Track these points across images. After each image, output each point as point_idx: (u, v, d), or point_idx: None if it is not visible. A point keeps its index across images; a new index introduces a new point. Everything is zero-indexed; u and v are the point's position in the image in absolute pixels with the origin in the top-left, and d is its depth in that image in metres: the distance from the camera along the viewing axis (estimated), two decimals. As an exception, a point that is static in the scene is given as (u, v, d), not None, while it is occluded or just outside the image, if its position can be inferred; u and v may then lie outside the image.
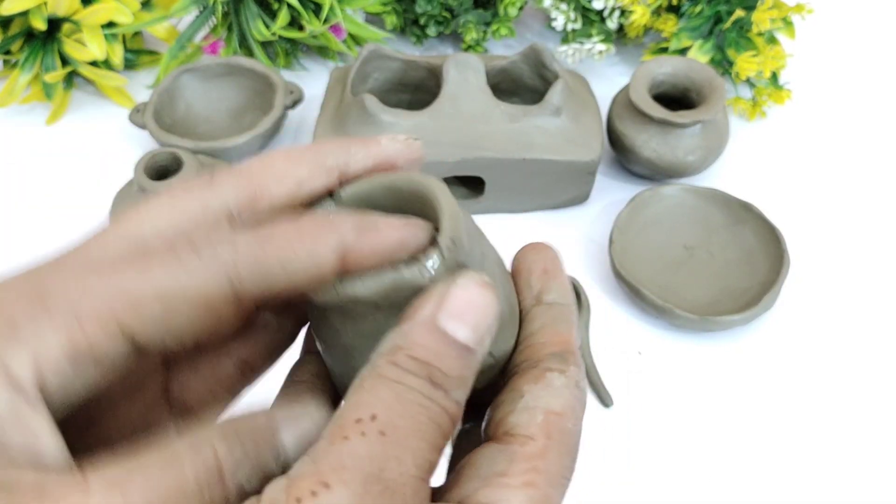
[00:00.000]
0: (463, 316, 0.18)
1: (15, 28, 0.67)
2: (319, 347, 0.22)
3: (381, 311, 0.20)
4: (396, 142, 0.22)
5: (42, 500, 0.15)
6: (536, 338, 0.21)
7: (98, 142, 0.68)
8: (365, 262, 0.19)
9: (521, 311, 0.23)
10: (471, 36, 0.72)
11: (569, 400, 0.20)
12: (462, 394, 0.18)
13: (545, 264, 0.23)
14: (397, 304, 0.19)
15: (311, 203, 0.21)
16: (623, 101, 0.61)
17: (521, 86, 0.63)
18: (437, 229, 0.20)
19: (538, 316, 0.22)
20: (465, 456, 0.19)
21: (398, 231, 0.19)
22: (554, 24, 0.70)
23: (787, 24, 0.69)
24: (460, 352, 0.18)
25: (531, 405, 0.19)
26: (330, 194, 0.22)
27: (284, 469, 0.17)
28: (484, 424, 0.21)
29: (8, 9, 0.62)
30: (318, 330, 0.22)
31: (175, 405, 0.22)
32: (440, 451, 0.17)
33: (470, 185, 0.61)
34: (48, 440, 0.16)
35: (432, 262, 0.19)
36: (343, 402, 0.17)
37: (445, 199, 0.20)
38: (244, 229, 0.19)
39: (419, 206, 0.21)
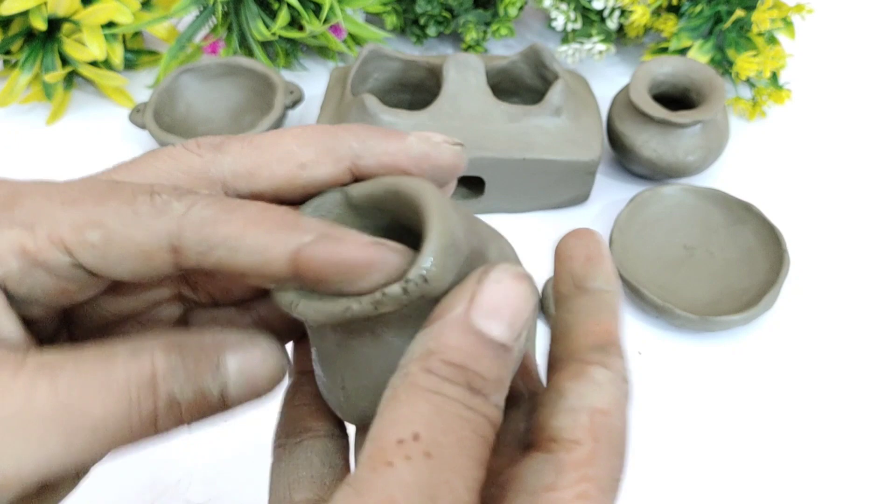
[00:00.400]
0: (499, 312, 0.17)
1: (15, 28, 0.67)
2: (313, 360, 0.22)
3: (336, 332, 0.19)
4: (427, 143, 0.20)
5: None
6: (576, 329, 0.20)
7: (98, 142, 0.68)
8: (319, 274, 0.17)
9: (558, 300, 0.21)
10: (471, 36, 0.73)
11: (614, 395, 0.18)
12: (501, 396, 0.17)
13: (588, 250, 0.21)
14: (354, 329, 0.18)
15: (317, 191, 0.20)
16: (623, 101, 0.61)
17: (521, 86, 0.63)
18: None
19: (578, 304, 0.20)
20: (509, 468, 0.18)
21: (364, 251, 0.17)
22: (554, 24, 0.70)
23: (787, 24, 0.69)
24: (498, 352, 0.17)
25: (574, 405, 0.18)
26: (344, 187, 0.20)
27: (222, 391, 0.17)
28: (524, 429, 0.19)
29: (8, 9, 0.62)
30: (314, 345, 0.21)
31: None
32: (485, 465, 0.16)
33: (470, 185, 0.61)
34: (1, 320, 0.17)
35: (383, 300, 0.17)
36: (377, 419, 0.16)
37: (438, 222, 0.17)
38: (215, 195, 0.18)
39: (416, 220, 0.19)
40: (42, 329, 0.19)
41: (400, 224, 0.20)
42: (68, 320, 0.21)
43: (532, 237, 0.60)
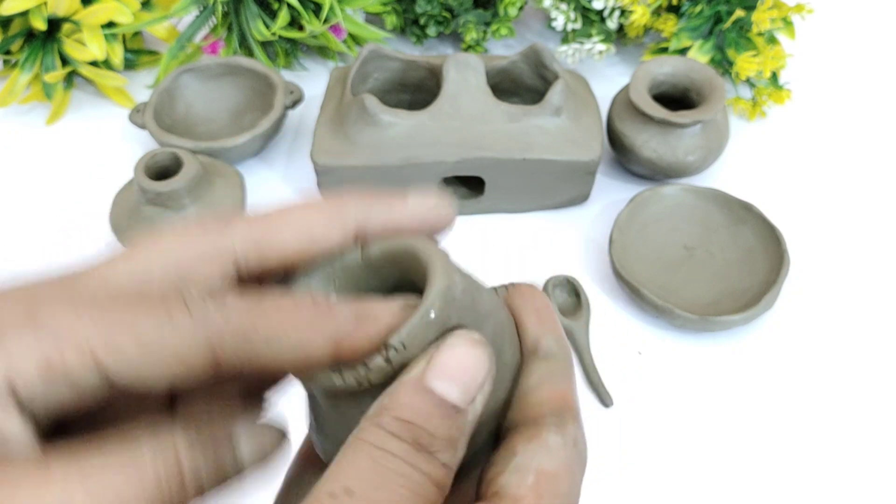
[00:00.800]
0: (452, 375, 0.17)
1: (15, 28, 0.67)
2: (310, 426, 0.22)
3: (328, 398, 0.20)
4: (425, 204, 0.21)
5: (1, 483, 0.15)
6: (533, 395, 0.20)
7: (98, 142, 0.68)
8: (359, 353, 0.18)
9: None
10: (471, 36, 0.73)
11: (564, 460, 0.19)
12: (451, 456, 0.17)
13: (537, 310, 0.22)
14: (342, 395, 0.19)
15: (329, 255, 0.21)
16: (623, 101, 0.61)
17: (521, 86, 0.63)
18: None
19: (534, 370, 0.21)
20: None
21: (396, 317, 0.18)
22: (554, 24, 0.70)
23: (787, 24, 0.69)
24: (448, 411, 0.17)
25: (523, 465, 0.18)
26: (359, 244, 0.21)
27: (239, 472, 0.18)
28: (476, 484, 0.20)
29: (8, 9, 0.62)
30: (312, 409, 0.21)
31: (178, 415, 0.22)
32: None
33: (470, 185, 0.61)
34: (14, 430, 0.16)
35: (368, 375, 0.18)
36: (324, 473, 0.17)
37: (438, 283, 0.19)
38: (241, 294, 0.18)
39: (421, 276, 0.20)
40: None
41: (410, 280, 0.21)
42: None
43: (532, 237, 0.60)
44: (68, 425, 0.18)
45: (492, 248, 0.59)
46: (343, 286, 0.21)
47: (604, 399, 0.50)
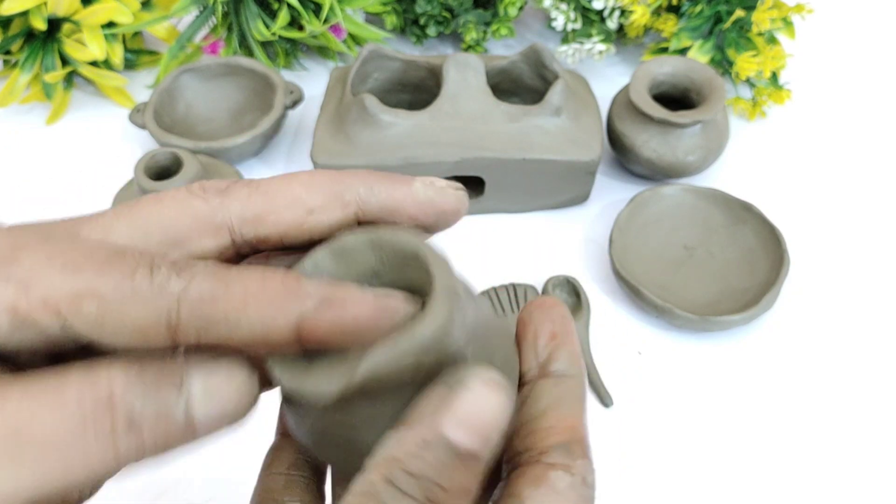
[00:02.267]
0: (471, 423, 0.16)
1: (15, 28, 0.67)
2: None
3: (337, 411, 0.18)
4: (432, 188, 0.20)
5: None
6: (540, 422, 0.19)
7: (98, 142, 0.68)
8: (323, 340, 0.17)
9: (523, 380, 0.20)
10: (471, 36, 0.73)
11: (575, 503, 0.18)
12: (466, 503, 0.17)
13: (554, 327, 0.21)
14: (355, 407, 0.18)
15: (323, 236, 0.20)
16: (623, 101, 0.61)
17: (521, 86, 0.63)
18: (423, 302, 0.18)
19: (543, 393, 0.20)
20: None
21: (367, 309, 0.17)
22: (554, 24, 0.70)
23: (787, 24, 0.69)
24: (466, 462, 0.16)
25: None
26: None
27: (186, 413, 0.17)
28: None
29: (8, 9, 0.62)
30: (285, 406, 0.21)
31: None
32: None
33: (470, 185, 0.61)
34: None
35: (376, 373, 0.17)
36: None
37: (440, 294, 0.17)
38: (213, 264, 0.18)
39: (416, 274, 0.19)
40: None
41: (409, 279, 0.20)
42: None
43: (532, 237, 0.60)
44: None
45: (492, 248, 0.59)
46: (347, 269, 0.20)
47: (604, 399, 0.50)
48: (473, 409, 0.16)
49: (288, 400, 0.20)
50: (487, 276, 0.56)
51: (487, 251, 0.59)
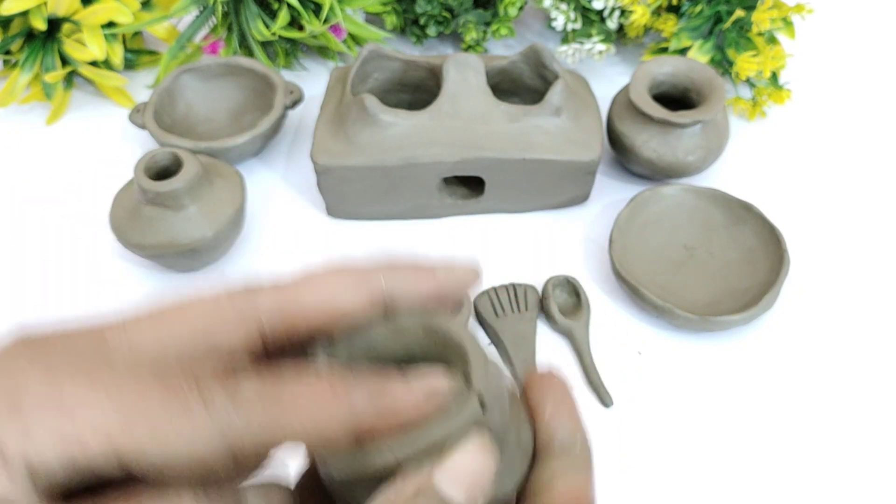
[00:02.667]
0: (460, 478, 0.18)
1: (15, 28, 0.67)
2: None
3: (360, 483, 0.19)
4: (453, 275, 0.21)
5: None
6: (545, 493, 0.20)
7: (98, 142, 0.68)
8: (381, 431, 0.18)
9: (534, 450, 0.22)
10: (471, 36, 0.72)
11: None
12: None
13: (554, 401, 0.22)
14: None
15: (355, 324, 0.21)
16: (623, 101, 0.61)
17: (521, 86, 0.63)
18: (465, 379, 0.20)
19: (550, 463, 0.21)
20: None
21: (415, 393, 0.18)
22: (554, 24, 0.70)
23: (787, 24, 0.69)
24: None
25: None
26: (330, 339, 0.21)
27: None
28: None
29: (8, 9, 0.62)
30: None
31: None
32: None
33: (470, 185, 0.61)
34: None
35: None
36: None
37: (477, 369, 0.19)
38: (257, 378, 0.18)
39: (445, 351, 0.20)
40: None
41: (432, 355, 0.21)
42: None
43: (532, 237, 0.60)
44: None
45: (492, 248, 0.59)
46: (364, 353, 0.21)
47: (604, 399, 0.50)
48: (462, 467, 0.18)
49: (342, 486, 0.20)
50: (487, 276, 0.56)
51: (487, 251, 0.59)
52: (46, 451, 0.16)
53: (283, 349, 0.21)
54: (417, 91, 0.64)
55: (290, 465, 0.21)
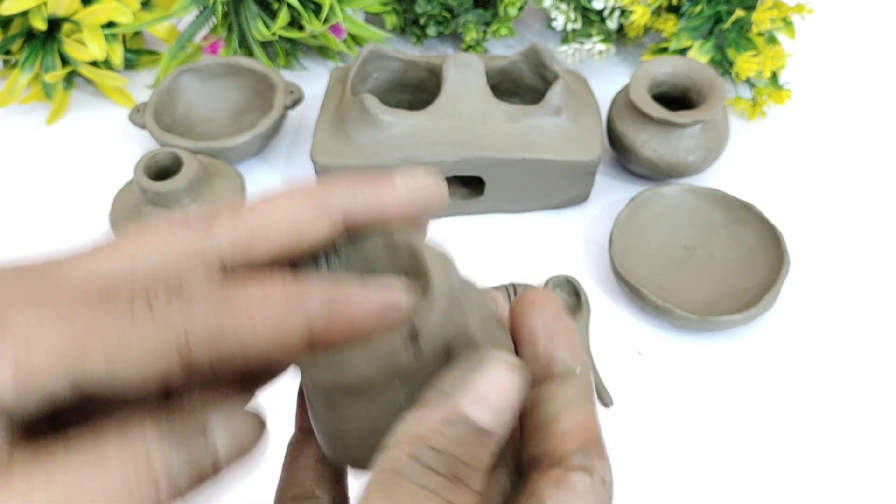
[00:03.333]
0: (488, 401, 0.17)
1: (15, 28, 0.67)
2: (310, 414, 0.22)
3: (336, 390, 0.19)
4: (412, 182, 0.20)
5: None
6: (554, 426, 0.20)
7: (98, 142, 0.68)
8: (335, 339, 0.18)
9: (530, 387, 0.21)
10: (471, 36, 0.72)
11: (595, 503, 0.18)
12: (482, 482, 0.17)
13: (550, 325, 0.21)
14: (354, 386, 0.19)
15: (313, 254, 0.20)
16: (623, 101, 0.61)
17: (521, 86, 0.63)
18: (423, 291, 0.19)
19: (552, 395, 0.20)
20: None
21: (373, 303, 0.18)
22: (554, 24, 0.70)
23: (787, 24, 0.69)
24: (484, 438, 0.17)
25: None
26: (334, 247, 0.20)
27: (213, 462, 0.17)
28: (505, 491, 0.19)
29: (8, 9, 0.62)
30: (307, 398, 0.21)
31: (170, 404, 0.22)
32: None
33: (470, 185, 0.61)
34: None
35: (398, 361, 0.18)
36: None
37: (437, 276, 0.18)
38: (209, 284, 0.17)
39: (410, 264, 0.20)
40: None
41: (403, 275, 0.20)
42: None
43: (532, 237, 0.60)
44: (57, 418, 0.18)
45: (492, 248, 0.59)
46: (346, 265, 0.20)
47: (604, 399, 0.50)
48: (492, 389, 0.17)
49: (318, 393, 0.20)
50: (487, 276, 0.56)
51: (487, 251, 0.59)
52: (3, 377, 0.16)
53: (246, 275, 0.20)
54: (417, 91, 0.64)
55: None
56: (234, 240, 0.19)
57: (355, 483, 0.20)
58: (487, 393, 0.17)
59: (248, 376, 0.21)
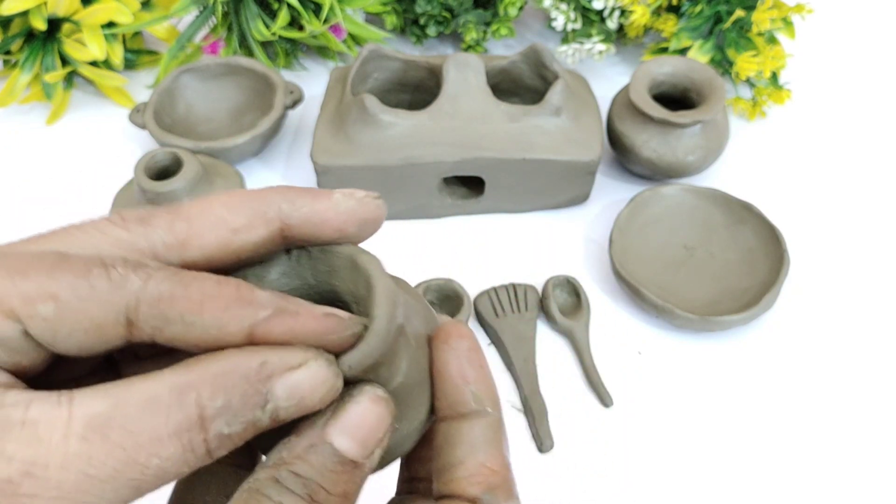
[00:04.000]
0: (353, 431, 0.18)
1: (15, 28, 0.67)
2: None
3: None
4: (351, 199, 0.20)
5: (23, 426, 0.16)
6: (460, 470, 0.20)
7: (98, 142, 0.68)
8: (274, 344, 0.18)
9: (438, 416, 0.21)
10: (471, 36, 0.72)
11: None
12: None
13: (460, 362, 0.21)
14: None
15: (262, 257, 0.20)
16: (623, 101, 0.61)
17: (521, 86, 0.63)
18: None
19: (460, 436, 0.20)
20: None
21: (318, 324, 0.18)
22: (554, 24, 0.70)
23: (787, 24, 0.69)
24: (346, 468, 0.18)
25: None
26: (287, 251, 0.21)
27: (272, 417, 0.17)
28: None
29: (8, 9, 0.62)
30: None
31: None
32: None
33: (470, 185, 0.61)
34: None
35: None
36: None
37: (385, 308, 0.19)
38: (167, 268, 0.18)
39: (365, 290, 0.20)
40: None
41: (334, 289, 0.21)
42: None
43: (532, 237, 0.60)
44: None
45: (492, 248, 0.59)
46: (291, 284, 0.21)
47: (604, 399, 0.50)
48: (358, 421, 0.18)
49: None
50: (487, 276, 0.56)
51: (487, 251, 0.59)
52: None
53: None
54: (417, 91, 0.64)
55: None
56: (170, 238, 0.19)
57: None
58: (354, 424, 0.18)
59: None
